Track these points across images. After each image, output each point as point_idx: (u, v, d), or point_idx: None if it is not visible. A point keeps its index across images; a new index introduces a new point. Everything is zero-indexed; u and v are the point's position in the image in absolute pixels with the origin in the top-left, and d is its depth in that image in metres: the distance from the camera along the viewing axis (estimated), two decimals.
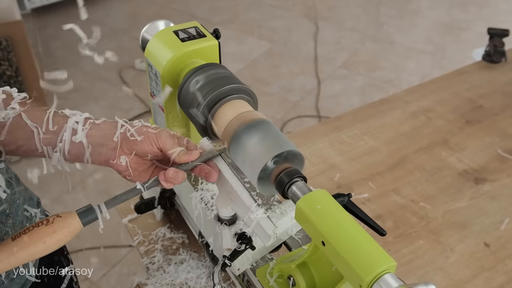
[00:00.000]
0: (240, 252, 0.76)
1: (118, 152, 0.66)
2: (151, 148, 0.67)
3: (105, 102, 2.82)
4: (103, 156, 0.67)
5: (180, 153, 0.67)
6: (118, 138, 0.66)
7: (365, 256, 0.57)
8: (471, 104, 1.40)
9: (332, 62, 3.17)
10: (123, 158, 0.67)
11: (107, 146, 0.67)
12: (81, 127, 0.67)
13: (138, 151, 0.67)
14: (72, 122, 0.67)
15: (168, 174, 0.65)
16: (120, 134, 0.67)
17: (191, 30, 0.88)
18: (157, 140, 0.67)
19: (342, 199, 0.73)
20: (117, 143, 0.67)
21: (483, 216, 1.07)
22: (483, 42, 1.72)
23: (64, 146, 0.66)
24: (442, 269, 0.96)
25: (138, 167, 0.68)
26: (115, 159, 0.67)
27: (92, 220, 0.60)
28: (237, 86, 0.78)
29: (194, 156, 0.68)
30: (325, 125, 1.34)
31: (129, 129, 0.67)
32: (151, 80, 0.90)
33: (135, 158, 0.68)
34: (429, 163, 1.20)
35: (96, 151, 0.67)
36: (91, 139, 0.67)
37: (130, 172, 0.67)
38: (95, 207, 0.61)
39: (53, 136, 0.67)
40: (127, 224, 1.06)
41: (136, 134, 0.67)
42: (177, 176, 0.65)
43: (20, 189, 0.76)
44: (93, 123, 0.68)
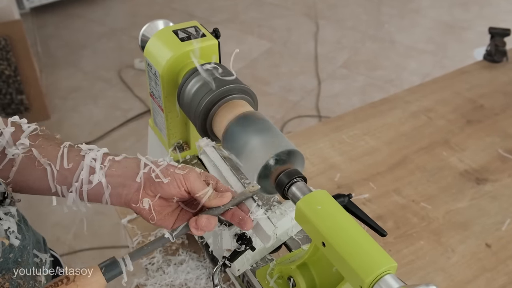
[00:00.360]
0: (240, 253, 0.76)
1: (141, 195, 0.61)
2: (178, 191, 0.61)
3: (104, 102, 2.82)
4: (123, 197, 0.61)
5: (211, 196, 0.62)
6: (142, 180, 0.61)
7: (365, 257, 0.57)
8: (472, 104, 1.40)
9: (332, 62, 3.17)
10: (146, 201, 0.61)
11: (128, 187, 0.61)
12: (99, 165, 0.61)
13: (163, 194, 0.61)
14: (89, 159, 0.61)
15: (200, 223, 0.60)
16: (144, 174, 0.61)
17: (191, 29, 0.88)
18: (185, 182, 0.61)
19: (343, 199, 0.73)
20: (140, 184, 0.61)
21: (484, 217, 1.07)
22: (484, 41, 1.71)
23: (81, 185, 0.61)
24: (443, 270, 0.96)
25: (162, 210, 0.63)
26: (138, 202, 0.61)
27: (116, 274, 0.56)
28: (237, 86, 0.78)
29: (226, 199, 0.63)
30: (325, 125, 1.34)
31: (153, 169, 0.61)
32: (151, 79, 0.90)
33: (159, 201, 0.62)
34: (430, 163, 1.20)
35: (116, 191, 0.61)
36: (111, 179, 0.61)
37: (154, 216, 0.62)
38: (120, 260, 0.56)
39: (68, 175, 0.61)
40: (126, 225, 1.06)
41: (162, 176, 0.61)
42: (209, 223, 0.61)
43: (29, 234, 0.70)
44: (112, 160, 0.62)
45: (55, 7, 3.68)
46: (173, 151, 0.94)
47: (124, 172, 0.62)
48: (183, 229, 0.62)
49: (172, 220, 0.64)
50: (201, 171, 0.65)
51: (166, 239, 0.61)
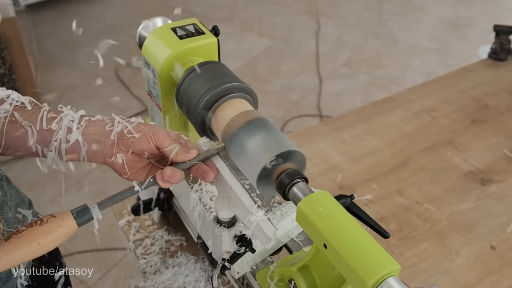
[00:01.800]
0: (239, 255, 0.76)
1: (114, 150, 0.66)
2: (148, 146, 0.67)
3: (101, 101, 2.82)
4: (99, 154, 0.67)
5: (177, 152, 0.67)
6: (115, 136, 0.66)
7: (368, 259, 0.57)
8: (476, 103, 1.40)
9: (334, 60, 3.17)
10: (120, 156, 0.66)
11: (103, 144, 0.67)
12: (76, 125, 0.67)
13: (135, 149, 0.67)
14: (67, 120, 0.67)
15: (165, 173, 0.65)
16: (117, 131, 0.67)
17: (190, 27, 0.88)
18: (155, 137, 0.67)
19: (345, 200, 0.73)
20: (113, 141, 0.66)
21: (489, 218, 1.07)
22: (489, 39, 1.71)
23: (60, 144, 0.66)
24: (447, 273, 0.96)
25: (135, 165, 0.68)
26: (112, 157, 0.66)
27: (87, 220, 0.60)
28: (236, 85, 0.78)
29: (192, 155, 0.68)
30: (327, 124, 1.34)
31: (126, 126, 0.67)
32: (149, 78, 0.90)
33: (132, 156, 0.67)
34: (434, 164, 1.20)
35: (92, 149, 0.66)
36: (87, 136, 0.66)
37: (126, 170, 0.67)
38: (90, 207, 0.61)
39: (47, 135, 0.66)
40: (124, 226, 1.06)
41: (134, 131, 0.67)
42: (174, 175, 0.65)
43: (11, 192, 0.75)
44: (88, 120, 0.68)
45: (50, 4, 3.68)
46: None
47: (99, 130, 0.67)
48: (150, 181, 0.66)
49: (144, 175, 0.69)
50: (172, 132, 0.69)
51: (134, 189, 0.65)
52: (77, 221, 0.59)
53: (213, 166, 0.70)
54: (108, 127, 0.67)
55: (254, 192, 0.85)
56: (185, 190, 0.91)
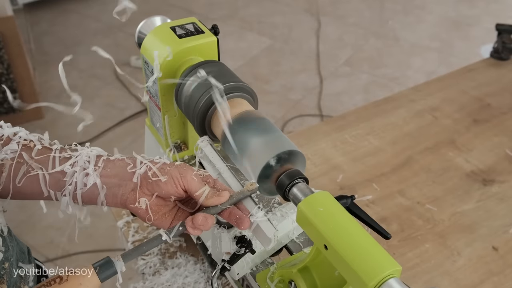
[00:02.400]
0: (239, 256, 0.76)
1: (138, 194, 0.61)
2: (175, 190, 0.61)
3: (100, 101, 2.82)
4: (119, 198, 0.61)
5: (208, 195, 0.62)
6: (138, 179, 0.61)
7: (369, 260, 0.57)
8: (478, 103, 1.40)
9: (334, 59, 3.17)
10: (143, 201, 0.61)
11: (124, 187, 0.61)
12: (92, 166, 0.61)
13: (160, 193, 0.61)
14: (83, 161, 0.61)
15: (197, 221, 0.60)
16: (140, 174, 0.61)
17: (189, 26, 0.88)
18: (182, 180, 0.61)
19: (345, 201, 0.73)
20: (136, 184, 0.61)
21: (491, 219, 1.07)
22: (491, 38, 1.72)
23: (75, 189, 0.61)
24: (448, 274, 0.96)
25: (159, 209, 0.63)
26: (134, 202, 0.61)
27: (110, 274, 0.56)
28: (236, 84, 0.78)
29: (224, 198, 0.62)
30: (327, 124, 1.34)
31: (150, 167, 0.61)
32: (147, 78, 0.90)
33: (156, 200, 0.62)
34: (436, 164, 1.20)
35: (111, 192, 0.61)
36: (106, 179, 0.61)
37: (150, 216, 0.62)
38: (114, 260, 0.57)
39: (61, 177, 0.61)
40: (123, 227, 1.06)
41: (160, 174, 0.61)
42: (206, 222, 0.60)
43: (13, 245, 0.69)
44: (106, 160, 0.62)
45: (49, 3, 3.68)
46: (171, 151, 0.94)
47: (119, 171, 0.62)
48: (179, 228, 0.61)
49: (169, 220, 0.64)
50: (198, 169, 0.65)
51: (162, 239, 0.61)
52: (99, 277, 0.55)
53: (245, 209, 0.65)
54: (129, 168, 0.62)
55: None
56: None
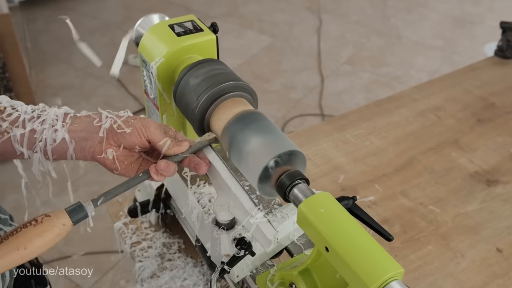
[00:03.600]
0: (239, 258, 0.76)
1: (104, 146, 0.66)
2: (140, 140, 0.67)
3: (97, 100, 2.82)
4: (87, 150, 0.66)
5: (170, 145, 0.67)
6: (104, 133, 0.66)
7: (370, 263, 0.57)
8: (482, 102, 1.40)
9: (336, 58, 3.17)
10: (110, 152, 0.66)
11: (92, 140, 0.66)
12: (60, 123, 0.66)
13: (126, 144, 0.67)
14: (51, 119, 0.66)
15: (159, 167, 0.65)
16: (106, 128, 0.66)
17: (188, 24, 0.88)
18: (146, 131, 0.67)
19: (347, 202, 0.73)
20: (103, 137, 0.66)
21: (495, 220, 1.07)
22: (495, 36, 1.72)
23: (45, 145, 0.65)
24: (452, 276, 0.96)
25: (125, 159, 0.68)
26: (102, 153, 0.66)
27: (82, 218, 0.60)
28: (236, 83, 0.78)
29: (184, 147, 0.68)
30: (328, 124, 1.34)
31: (115, 120, 0.67)
32: (145, 77, 0.90)
33: (123, 151, 0.67)
34: (439, 164, 1.20)
35: (80, 146, 0.66)
36: (74, 134, 0.66)
37: (117, 166, 0.67)
38: (85, 204, 0.61)
39: (31, 136, 0.65)
40: (120, 229, 1.06)
41: (124, 126, 0.66)
42: (168, 168, 0.66)
43: None
44: (74, 117, 0.67)
45: (45, 1, 3.68)
46: None
47: (86, 126, 0.67)
48: (144, 175, 0.66)
49: (135, 170, 0.69)
50: (161, 123, 0.70)
51: (128, 184, 0.65)
52: (72, 219, 0.59)
53: (205, 158, 0.71)
54: (96, 123, 0.67)
55: (254, 194, 0.85)
56: (183, 192, 0.91)
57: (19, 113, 0.66)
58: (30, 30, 3.41)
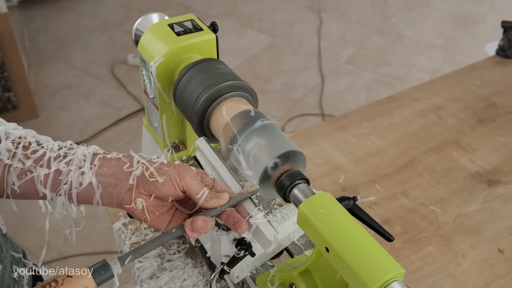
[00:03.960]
0: (239, 258, 0.76)
1: (134, 195, 0.60)
2: (173, 191, 0.61)
3: (96, 100, 2.82)
4: (115, 198, 0.61)
5: (207, 197, 0.62)
6: (134, 180, 0.61)
7: (371, 263, 0.57)
8: (484, 102, 1.40)
9: (336, 57, 3.17)
10: (140, 202, 0.60)
11: (120, 187, 0.61)
12: (88, 165, 0.61)
13: (157, 194, 0.61)
14: (78, 159, 0.61)
15: (196, 225, 0.60)
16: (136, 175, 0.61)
17: (187, 23, 0.88)
18: (181, 181, 0.61)
19: (347, 202, 0.73)
20: (132, 184, 0.61)
21: (497, 221, 1.07)
22: (497, 36, 1.72)
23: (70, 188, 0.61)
24: (453, 277, 0.96)
25: (156, 210, 0.62)
26: (130, 202, 0.60)
27: (107, 278, 0.56)
28: (236, 83, 0.78)
29: (224, 200, 0.62)
30: (329, 124, 1.34)
31: (147, 167, 0.61)
32: (145, 76, 0.90)
33: (153, 201, 0.62)
34: (440, 164, 1.20)
35: (107, 192, 0.61)
36: (102, 178, 0.61)
37: (147, 217, 0.61)
38: (111, 263, 0.56)
39: (56, 177, 0.61)
40: (119, 229, 1.06)
41: (157, 174, 0.60)
42: (205, 226, 0.60)
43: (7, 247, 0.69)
44: (103, 158, 0.62)
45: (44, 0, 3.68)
46: (169, 151, 0.94)
47: (115, 171, 0.61)
48: (177, 230, 0.61)
49: (167, 221, 0.64)
50: (197, 170, 0.64)
51: (160, 241, 0.60)
52: (95, 280, 0.55)
53: (245, 212, 0.65)
54: (126, 168, 0.61)
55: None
56: None
57: (45, 150, 0.61)
58: (28, 29, 3.41)
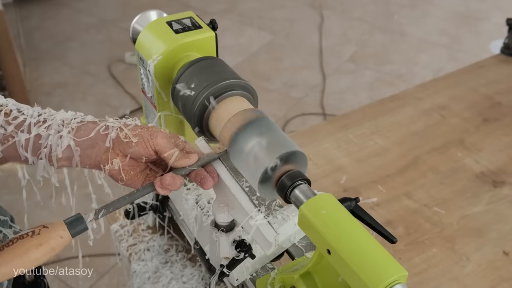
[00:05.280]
0: (238, 261, 0.76)
1: (110, 155, 0.65)
2: (146, 150, 0.66)
3: (93, 99, 2.82)
4: (93, 159, 0.65)
5: (177, 157, 0.66)
6: (110, 143, 0.65)
7: (374, 266, 0.57)
8: (488, 101, 1.40)
9: (338, 56, 3.17)
10: (116, 162, 0.65)
11: (98, 149, 0.65)
12: (66, 129, 0.65)
13: (132, 154, 0.66)
14: (57, 124, 0.65)
15: (165, 181, 0.64)
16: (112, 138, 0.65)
17: (186, 20, 0.88)
18: (152, 141, 0.66)
19: (349, 203, 0.73)
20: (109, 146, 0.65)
21: (502, 222, 1.07)
22: (501, 33, 1.72)
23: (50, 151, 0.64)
24: (457, 280, 0.96)
25: (131, 169, 0.67)
26: (107, 162, 0.65)
27: (81, 230, 0.60)
28: (235, 82, 0.78)
29: (192, 160, 0.67)
30: (330, 123, 1.34)
31: (122, 129, 0.66)
32: (142, 74, 0.90)
33: (129, 161, 0.66)
34: (444, 165, 1.20)
35: (85, 154, 0.65)
36: (79, 141, 0.65)
37: (123, 177, 0.66)
38: (85, 216, 0.60)
39: (36, 141, 0.65)
40: (117, 231, 1.06)
41: (131, 135, 0.65)
42: (174, 182, 0.65)
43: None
44: (80, 123, 0.66)
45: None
46: None
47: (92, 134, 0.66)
48: (148, 187, 0.66)
49: (141, 181, 0.68)
50: (170, 133, 0.69)
51: (132, 197, 0.64)
52: (71, 232, 0.58)
53: (213, 171, 0.70)
54: (102, 131, 0.66)
55: (254, 195, 0.85)
56: (181, 193, 0.91)
57: (25, 116, 0.65)
58: (24, 27, 3.41)
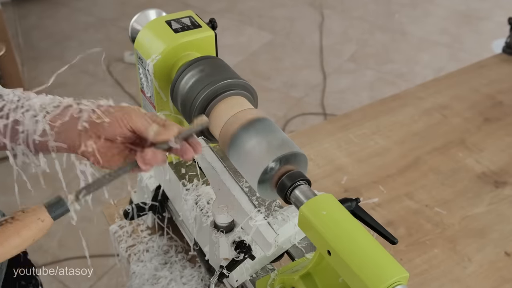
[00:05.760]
0: (238, 262, 0.76)
1: (83, 138, 0.64)
2: (121, 130, 0.64)
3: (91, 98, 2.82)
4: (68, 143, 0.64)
5: (156, 131, 0.64)
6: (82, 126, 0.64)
7: (374, 267, 0.57)
8: (490, 101, 1.40)
9: (338, 55, 3.17)
10: (90, 144, 0.64)
11: (71, 132, 0.64)
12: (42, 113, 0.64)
13: (106, 135, 0.64)
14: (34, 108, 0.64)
15: (146, 156, 0.63)
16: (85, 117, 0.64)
17: (185, 20, 0.88)
18: (127, 120, 0.64)
19: (350, 204, 0.73)
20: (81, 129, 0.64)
21: (504, 223, 1.07)
22: (503, 32, 1.72)
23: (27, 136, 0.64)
24: (458, 281, 0.96)
25: (107, 151, 0.66)
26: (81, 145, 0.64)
27: (63, 213, 0.58)
28: (235, 81, 0.78)
29: (173, 131, 0.65)
30: (331, 123, 1.34)
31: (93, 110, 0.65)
32: (141, 74, 0.90)
33: (104, 143, 0.65)
34: (445, 165, 1.20)
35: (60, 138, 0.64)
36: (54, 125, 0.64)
37: (98, 159, 0.65)
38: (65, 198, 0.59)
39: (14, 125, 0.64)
40: (116, 232, 1.06)
41: (104, 116, 0.64)
42: (155, 157, 0.63)
43: None
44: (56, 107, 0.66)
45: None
46: None
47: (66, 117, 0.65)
48: (130, 164, 0.64)
49: (120, 162, 0.67)
50: (147, 112, 0.67)
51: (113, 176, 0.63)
52: (51, 215, 0.57)
53: (196, 143, 0.67)
54: (76, 113, 0.65)
55: (254, 195, 0.85)
56: (180, 193, 0.91)
57: (5, 102, 0.65)
58: (22, 26, 3.41)
